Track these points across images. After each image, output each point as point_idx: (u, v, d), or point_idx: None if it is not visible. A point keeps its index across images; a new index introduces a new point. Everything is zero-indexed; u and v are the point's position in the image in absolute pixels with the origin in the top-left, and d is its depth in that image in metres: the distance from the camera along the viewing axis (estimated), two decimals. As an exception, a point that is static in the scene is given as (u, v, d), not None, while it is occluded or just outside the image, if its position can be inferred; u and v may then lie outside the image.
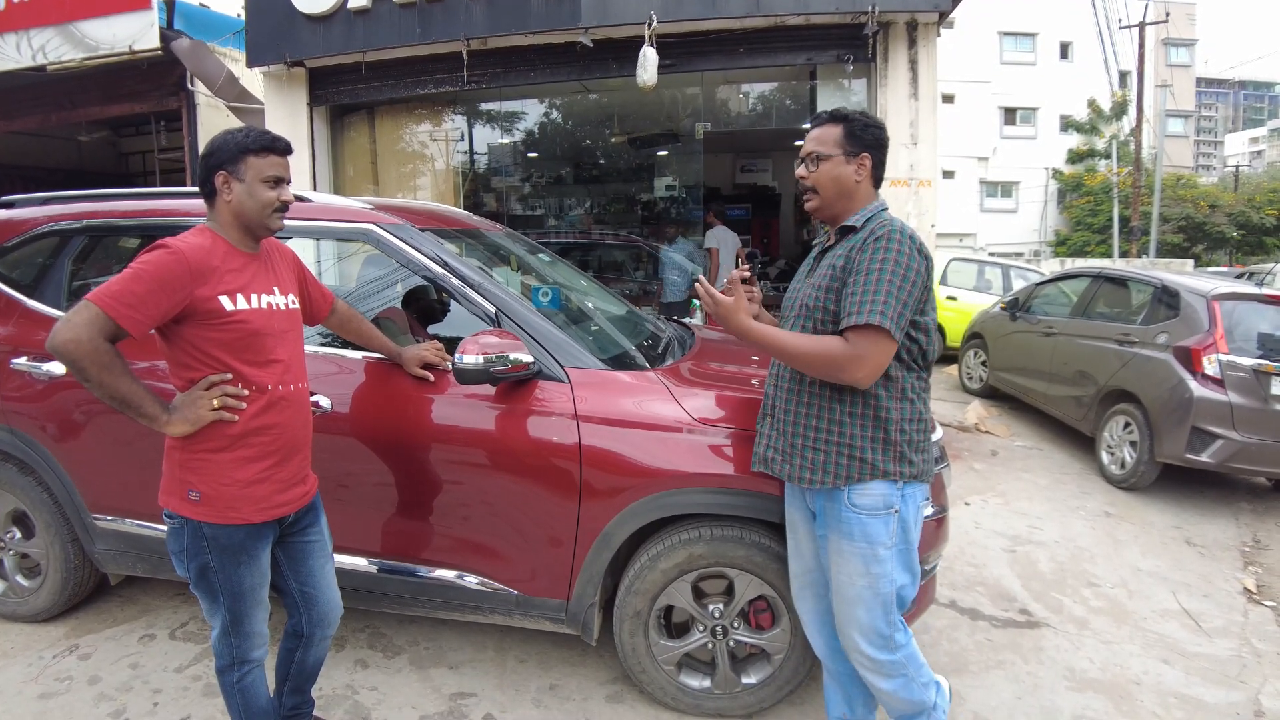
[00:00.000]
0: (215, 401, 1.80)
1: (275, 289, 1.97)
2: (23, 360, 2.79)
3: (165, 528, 2.60)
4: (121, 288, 1.70)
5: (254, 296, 1.89)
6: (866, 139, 1.96)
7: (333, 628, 2.22)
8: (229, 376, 1.84)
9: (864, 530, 1.90)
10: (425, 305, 3.23)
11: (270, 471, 1.92)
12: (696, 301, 7.55)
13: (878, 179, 2.01)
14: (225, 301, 1.82)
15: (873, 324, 1.76)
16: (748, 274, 2.12)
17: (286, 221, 2.33)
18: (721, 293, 1.94)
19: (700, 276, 2.14)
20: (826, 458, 1.91)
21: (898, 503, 1.91)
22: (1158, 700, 2.76)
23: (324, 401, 2.47)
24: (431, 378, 2.47)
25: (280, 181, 1.91)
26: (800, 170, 2.01)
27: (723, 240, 7.58)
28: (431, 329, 3.14)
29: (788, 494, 2.15)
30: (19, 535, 3.02)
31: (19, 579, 3.06)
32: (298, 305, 2.08)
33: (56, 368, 2.73)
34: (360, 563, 2.60)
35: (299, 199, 2.76)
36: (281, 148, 1.92)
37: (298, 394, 1.99)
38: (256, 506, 1.90)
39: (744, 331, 1.91)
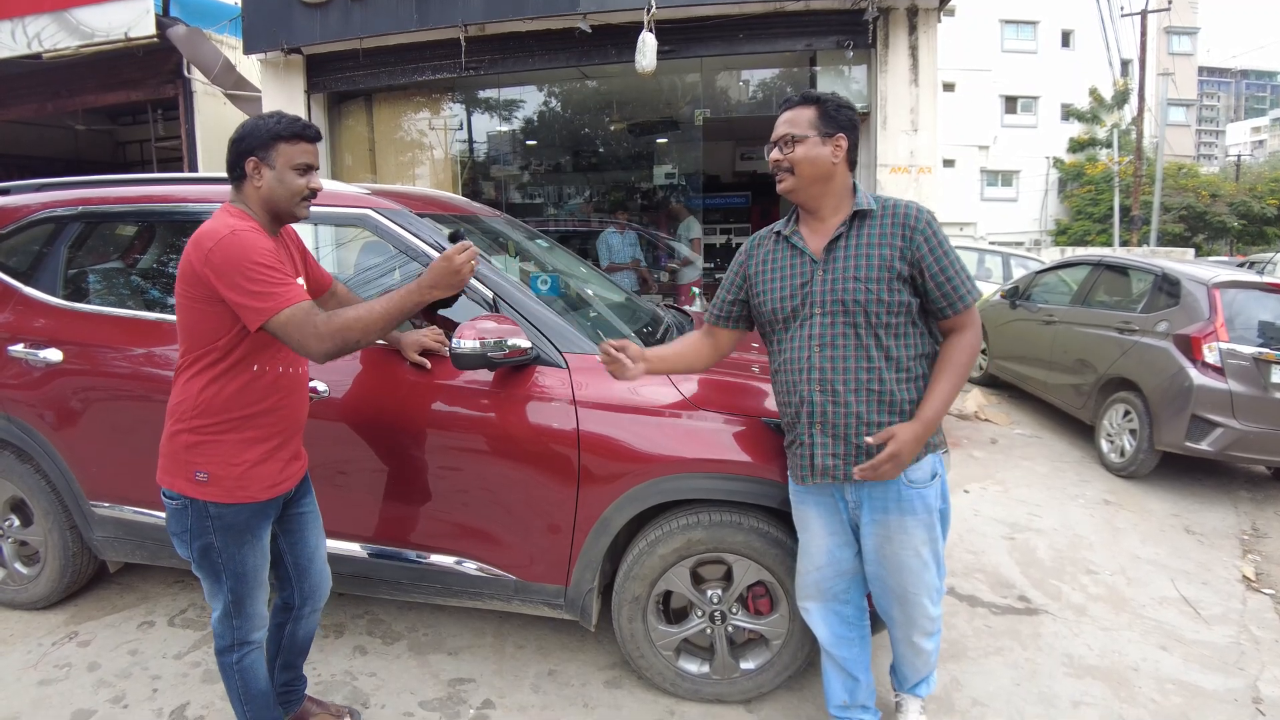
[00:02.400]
0: (473, 264, 1.90)
1: (289, 272, 2.00)
2: (19, 348, 2.78)
3: (164, 515, 2.62)
4: (265, 283, 1.75)
5: None
6: (840, 120, 1.96)
7: (322, 600, 2.25)
8: (470, 245, 1.92)
9: (924, 501, 1.99)
10: None
11: (275, 451, 1.95)
12: (697, 290, 7.55)
13: (852, 161, 2.01)
14: None
15: (976, 298, 1.94)
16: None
17: None
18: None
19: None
20: None
21: (939, 468, 2.01)
22: (1156, 687, 2.76)
23: (321, 387, 2.46)
24: (428, 365, 2.46)
25: (310, 169, 1.92)
26: (775, 154, 2.00)
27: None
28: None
29: (802, 493, 2.11)
30: (17, 523, 3.01)
31: (18, 566, 3.06)
32: (304, 286, 2.08)
33: (53, 355, 2.73)
34: (358, 549, 2.60)
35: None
36: (312, 135, 1.93)
37: (300, 375, 2.04)
38: (263, 485, 1.93)
39: (931, 425, 1.91)
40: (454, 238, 1.99)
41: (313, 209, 2.63)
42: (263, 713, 2.09)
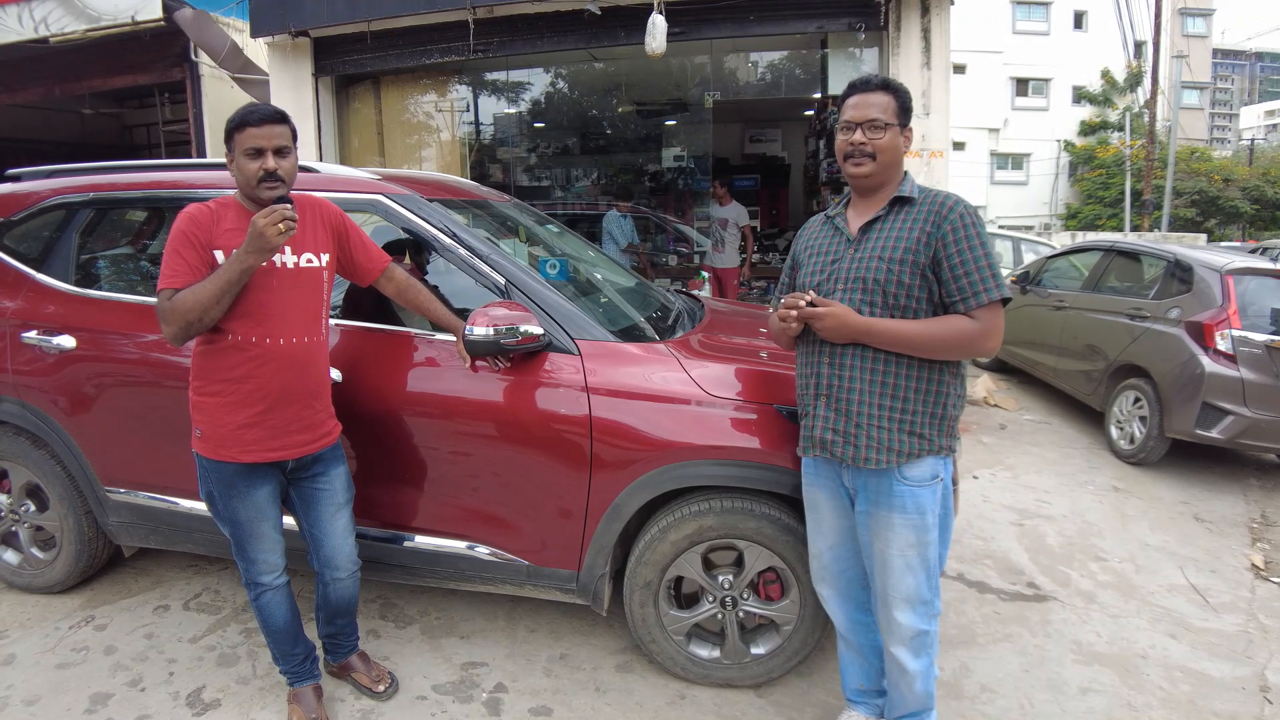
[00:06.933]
0: (281, 226, 1.88)
1: (287, 249, 2.06)
2: (33, 334, 2.79)
3: (177, 500, 2.72)
4: (164, 264, 1.97)
5: None
6: (909, 113, 2.00)
7: (342, 571, 2.34)
8: (288, 206, 1.91)
9: (916, 501, 1.94)
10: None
11: (260, 418, 2.05)
12: (705, 275, 7.51)
13: None
14: (219, 256, 1.99)
15: (997, 299, 1.86)
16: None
17: (292, 192, 2.29)
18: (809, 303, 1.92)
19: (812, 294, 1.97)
20: (890, 435, 1.92)
21: (942, 472, 1.97)
22: (1164, 674, 2.77)
23: (333, 374, 2.46)
24: (466, 364, 2.42)
25: (260, 153, 1.97)
26: (858, 136, 1.96)
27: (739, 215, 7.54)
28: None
29: (811, 473, 2.12)
30: (33, 508, 3.04)
31: (34, 551, 3.09)
32: (317, 264, 2.14)
33: (66, 341, 2.74)
34: (372, 533, 2.62)
35: (305, 169, 2.73)
36: (255, 119, 1.97)
37: (291, 348, 2.07)
38: (245, 448, 2.05)
39: (865, 331, 1.89)
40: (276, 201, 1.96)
41: (325, 194, 2.66)
42: (282, 646, 2.31)
